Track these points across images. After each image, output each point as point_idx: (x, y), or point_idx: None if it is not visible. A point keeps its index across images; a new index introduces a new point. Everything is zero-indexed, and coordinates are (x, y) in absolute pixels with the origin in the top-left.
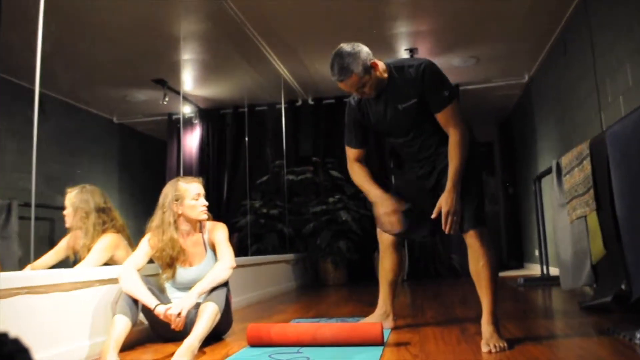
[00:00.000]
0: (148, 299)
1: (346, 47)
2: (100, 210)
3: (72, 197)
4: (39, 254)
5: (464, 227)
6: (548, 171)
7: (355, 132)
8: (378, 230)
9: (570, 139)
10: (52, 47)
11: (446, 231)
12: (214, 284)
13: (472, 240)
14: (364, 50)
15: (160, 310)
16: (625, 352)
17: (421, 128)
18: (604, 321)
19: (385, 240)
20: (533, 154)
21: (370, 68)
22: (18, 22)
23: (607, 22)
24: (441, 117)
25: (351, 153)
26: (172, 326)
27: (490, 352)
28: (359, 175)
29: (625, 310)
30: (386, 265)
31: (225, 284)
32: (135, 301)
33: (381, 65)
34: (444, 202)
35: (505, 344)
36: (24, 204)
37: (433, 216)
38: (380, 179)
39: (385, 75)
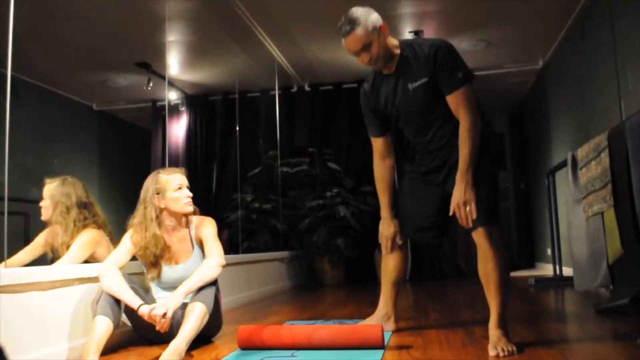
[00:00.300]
0: (131, 299)
1: (358, 7)
2: (82, 206)
3: (52, 189)
4: (12, 251)
5: (474, 222)
6: (563, 164)
7: (373, 119)
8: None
9: (587, 130)
10: (25, 28)
11: (462, 224)
12: (201, 283)
13: (481, 239)
14: (376, 13)
15: (144, 310)
16: None
17: (434, 113)
18: (621, 325)
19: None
20: (547, 145)
21: (379, 29)
22: None
23: (629, 3)
24: (452, 100)
25: (375, 144)
26: (157, 328)
27: (498, 356)
28: (378, 180)
29: None
30: (390, 264)
31: (214, 283)
32: (118, 301)
33: (393, 40)
34: (455, 196)
35: (515, 348)
36: None
37: (450, 214)
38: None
39: (397, 51)
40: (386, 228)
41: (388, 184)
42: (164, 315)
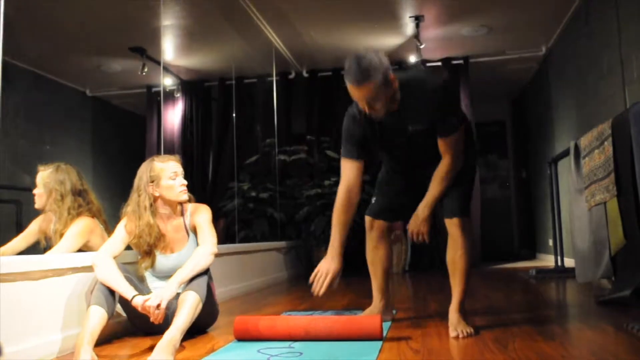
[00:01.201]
0: (125, 289)
1: (369, 52)
2: (77, 193)
3: (46, 177)
4: (4, 240)
5: (450, 212)
6: (565, 153)
7: (355, 144)
8: (368, 222)
9: (591, 118)
10: (16, 11)
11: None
12: (194, 272)
13: (454, 228)
14: (387, 61)
15: (137, 301)
16: None
17: (427, 151)
18: (622, 316)
19: (376, 229)
20: (549, 134)
21: (389, 81)
22: None
23: None
24: (443, 142)
25: (348, 168)
26: (152, 319)
27: (457, 337)
28: (339, 212)
29: None
30: (381, 253)
31: (206, 272)
32: (112, 291)
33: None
34: (412, 224)
35: (472, 330)
36: None
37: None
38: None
39: (398, 95)
40: (329, 262)
41: (347, 220)
42: (158, 306)
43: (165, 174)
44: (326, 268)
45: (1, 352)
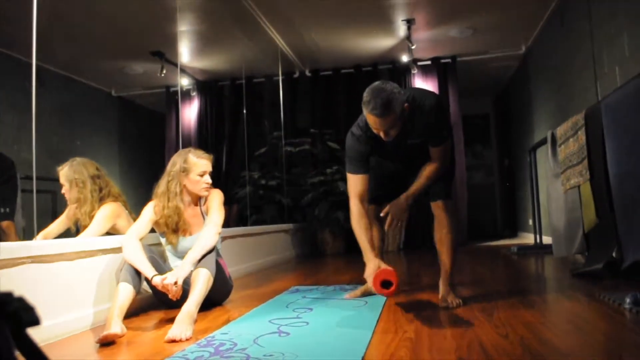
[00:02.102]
0: (146, 269)
1: (387, 84)
2: (95, 177)
3: (65, 173)
4: (42, 226)
5: (434, 195)
6: (543, 142)
7: (360, 160)
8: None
9: (566, 110)
10: (48, 20)
11: (385, 228)
12: (204, 251)
13: (439, 210)
14: (401, 93)
15: (156, 280)
16: (614, 317)
17: (419, 159)
18: (595, 288)
19: (370, 213)
20: (529, 125)
21: (404, 111)
22: None
23: None
24: (434, 151)
25: (355, 182)
26: (170, 296)
27: (447, 307)
28: (359, 224)
29: (615, 277)
30: (375, 233)
31: (213, 249)
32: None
33: None
34: (392, 209)
35: (460, 301)
36: (25, 176)
37: (382, 214)
38: None
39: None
40: (372, 266)
41: (367, 227)
42: (175, 283)
43: (197, 170)
44: (370, 273)
45: (39, 321)
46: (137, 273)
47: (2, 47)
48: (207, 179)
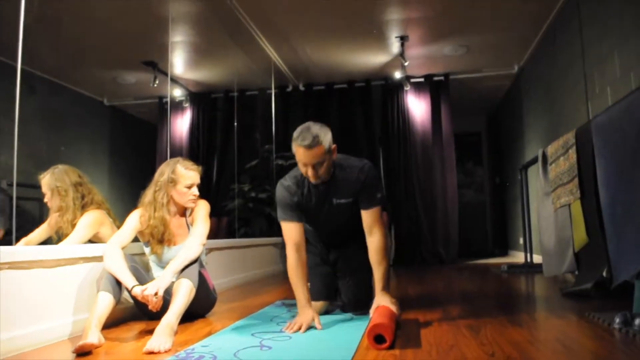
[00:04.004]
0: (126, 279)
1: (315, 123)
2: (77, 185)
3: (47, 181)
4: (27, 234)
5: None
6: (534, 160)
7: (292, 210)
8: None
9: (557, 129)
10: (37, 24)
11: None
12: (186, 262)
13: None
14: (330, 133)
15: (136, 291)
16: (603, 336)
17: (347, 223)
18: (584, 307)
19: (320, 308)
20: (520, 144)
21: (331, 149)
22: None
23: (597, 12)
24: (369, 214)
25: (290, 230)
26: (150, 307)
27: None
28: (295, 273)
29: (605, 296)
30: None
31: (196, 261)
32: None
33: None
34: (379, 302)
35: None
36: (9, 184)
37: (371, 313)
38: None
39: (332, 169)
40: (305, 316)
41: (304, 275)
42: (156, 294)
43: (184, 181)
44: (301, 320)
45: None
46: (118, 282)
47: None
48: (195, 191)
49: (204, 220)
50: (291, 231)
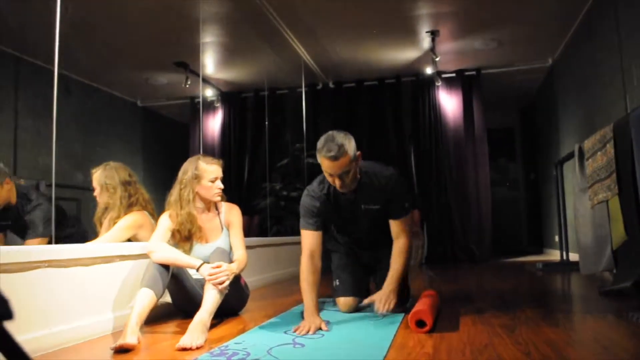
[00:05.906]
0: (190, 261)
1: (340, 132)
2: (126, 184)
3: (98, 176)
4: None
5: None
6: (570, 155)
7: (314, 218)
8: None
9: (594, 123)
10: (72, 29)
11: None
12: (239, 270)
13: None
14: (354, 141)
15: (204, 270)
16: None
17: (375, 227)
18: (623, 306)
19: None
20: (555, 139)
21: (357, 158)
22: (35, 2)
23: (634, 2)
24: (396, 224)
25: (309, 238)
26: (218, 281)
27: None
28: (306, 281)
29: None
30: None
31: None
32: (162, 276)
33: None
34: (381, 303)
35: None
36: (48, 185)
37: (365, 302)
38: (399, 161)
39: (359, 176)
40: (313, 321)
41: (315, 281)
42: (219, 266)
43: (208, 176)
44: (309, 324)
45: (12, 315)
46: (161, 279)
47: (27, 54)
48: (219, 184)
49: (241, 231)
50: (309, 239)
